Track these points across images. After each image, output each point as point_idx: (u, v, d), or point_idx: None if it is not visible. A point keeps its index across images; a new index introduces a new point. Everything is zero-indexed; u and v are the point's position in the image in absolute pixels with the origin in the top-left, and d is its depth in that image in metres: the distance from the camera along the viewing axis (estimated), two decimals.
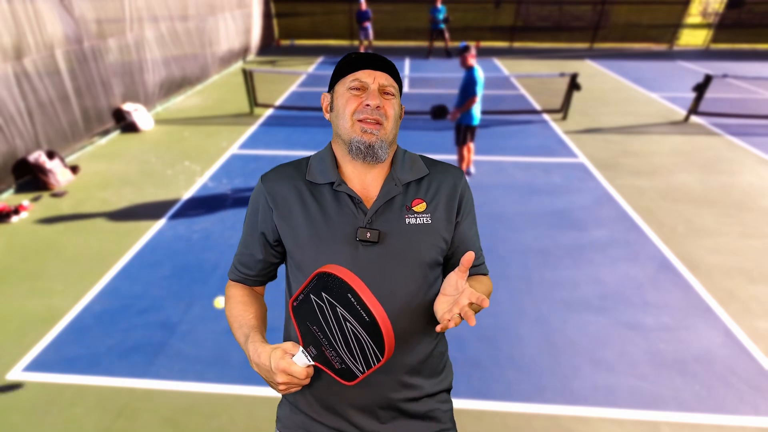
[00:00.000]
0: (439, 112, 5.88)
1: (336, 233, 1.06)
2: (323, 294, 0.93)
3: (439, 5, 12.19)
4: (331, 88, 1.13)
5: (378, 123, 1.05)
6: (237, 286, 1.22)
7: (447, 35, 12.68)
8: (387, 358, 0.89)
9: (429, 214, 1.10)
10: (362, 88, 1.05)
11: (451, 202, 1.13)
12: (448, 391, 1.24)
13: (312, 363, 0.98)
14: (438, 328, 0.93)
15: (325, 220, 1.07)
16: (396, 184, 1.10)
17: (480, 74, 4.73)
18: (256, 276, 1.20)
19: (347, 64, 1.08)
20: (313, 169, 1.12)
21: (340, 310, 0.91)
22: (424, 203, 1.11)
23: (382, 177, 1.12)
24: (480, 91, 4.73)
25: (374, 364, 0.91)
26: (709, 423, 2.44)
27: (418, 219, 1.09)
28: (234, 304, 1.16)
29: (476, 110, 4.96)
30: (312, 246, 1.07)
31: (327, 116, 1.13)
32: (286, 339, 1.21)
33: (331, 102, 1.12)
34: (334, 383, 1.07)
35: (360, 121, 1.05)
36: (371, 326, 0.88)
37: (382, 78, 1.06)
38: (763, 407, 2.52)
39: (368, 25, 12.50)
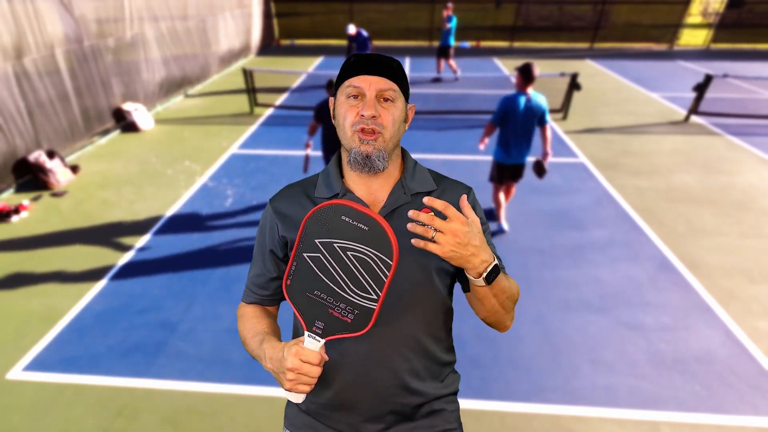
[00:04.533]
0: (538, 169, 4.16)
1: None
2: (316, 242, 0.95)
3: (450, 13, 9.53)
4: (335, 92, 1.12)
5: (375, 132, 1.02)
6: (250, 306, 1.21)
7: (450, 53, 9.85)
8: (397, 257, 0.92)
9: None
10: (359, 96, 1.03)
11: None
12: (454, 393, 1.24)
13: (322, 341, 0.98)
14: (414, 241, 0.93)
15: None
16: (405, 192, 1.10)
17: (519, 101, 3.70)
18: (272, 295, 1.20)
19: (346, 68, 1.06)
20: (320, 185, 1.13)
21: (337, 244, 0.94)
22: (432, 214, 1.10)
23: (389, 184, 1.11)
24: (500, 121, 3.80)
25: (387, 277, 0.93)
26: (709, 423, 2.44)
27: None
28: (247, 319, 1.17)
29: (503, 143, 3.93)
30: None
31: (333, 122, 1.11)
32: None
33: (335, 108, 1.10)
34: (339, 390, 1.11)
35: (358, 131, 1.03)
36: (372, 233, 0.91)
37: (379, 83, 1.02)
38: (763, 407, 2.52)
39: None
